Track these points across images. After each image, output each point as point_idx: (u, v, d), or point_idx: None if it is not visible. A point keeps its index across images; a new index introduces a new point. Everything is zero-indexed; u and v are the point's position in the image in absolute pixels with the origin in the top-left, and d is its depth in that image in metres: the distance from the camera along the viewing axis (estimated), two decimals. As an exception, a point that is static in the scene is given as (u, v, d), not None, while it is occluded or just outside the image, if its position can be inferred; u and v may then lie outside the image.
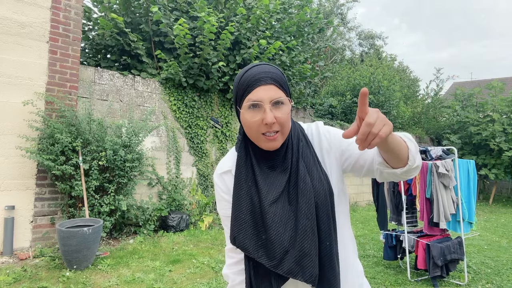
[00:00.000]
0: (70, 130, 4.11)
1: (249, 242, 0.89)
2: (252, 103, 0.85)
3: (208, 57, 5.83)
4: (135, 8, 6.10)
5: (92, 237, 3.55)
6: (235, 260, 0.99)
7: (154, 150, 5.56)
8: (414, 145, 0.84)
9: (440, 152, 3.80)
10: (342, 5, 19.24)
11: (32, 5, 4.14)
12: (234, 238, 0.90)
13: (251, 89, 0.86)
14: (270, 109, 0.84)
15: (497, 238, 5.82)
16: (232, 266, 1.00)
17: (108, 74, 5.19)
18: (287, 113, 0.87)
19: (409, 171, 0.83)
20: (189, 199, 5.89)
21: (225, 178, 0.99)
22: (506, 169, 10.10)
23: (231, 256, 1.01)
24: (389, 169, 0.85)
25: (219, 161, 0.96)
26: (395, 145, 0.77)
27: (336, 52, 17.66)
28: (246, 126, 0.88)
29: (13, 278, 3.17)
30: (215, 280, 3.39)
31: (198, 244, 4.68)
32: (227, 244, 1.02)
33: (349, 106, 10.53)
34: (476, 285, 3.57)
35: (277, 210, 0.88)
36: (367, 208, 8.96)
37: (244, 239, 0.89)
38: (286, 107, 0.87)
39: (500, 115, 10.19)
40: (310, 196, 0.88)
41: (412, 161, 0.82)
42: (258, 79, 0.85)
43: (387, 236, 3.91)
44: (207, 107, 6.35)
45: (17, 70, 4.04)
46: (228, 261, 1.02)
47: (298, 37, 7.71)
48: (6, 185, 3.94)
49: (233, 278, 0.99)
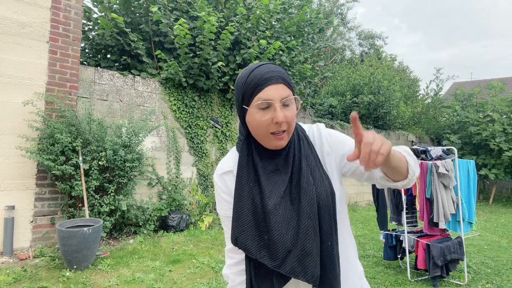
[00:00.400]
0: (70, 130, 4.11)
1: (251, 243, 0.88)
2: (263, 101, 0.85)
3: (208, 57, 5.83)
4: (135, 8, 6.10)
5: (92, 237, 3.55)
6: (235, 260, 0.99)
7: (154, 150, 5.56)
8: (413, 160, 0.90)
9: (440, 152, 3.80)
10: (342, 5, 19.24)
11: (32, 5, 4.14)
12: (236, 239, 0.90)
13: (261, 88, 0.85)
14: (280, 108, 0.85)
15: (497, 238, 5.83)
16: (232, 266, 0.99)
17: (108, 74, 5.19)
18: (295, 112, 0.88)
19: (409, 183, 0.89)
20: (189, 199, 5.89)
21: (225, 178, 0.99)
22: (506, 169, 10.10)
23: (231, 257, 1.00)
24: (391, 183, 0.89)
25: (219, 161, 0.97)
26: (395, 161, 0.82)
27: (336, 52, 17.67)
28: (255, 125, 0.88)
29: (13, 278, 3.17)
30: (215, 280, 3.39)
31: (198, 244, 4.68)
32: (227, 244, 1.01)
33: (349, 106, 10.53)
34: (476, 285, 3.57)
35: (280, 210, 0.88)
36: (367, 208, 8.96)
37: (246, 239, 0.88)
38: (294, 106, 0.89)
39: (500, 115, 10.19)
40: (313, 196, 0.88)
41: (412, 174, 0.88)
42: (268, 78, 0.85)
43: (387, 236, 3.91)
44: (207, 107, 6.35)
45: (17, 70, 4.04)
46: (228, 261, 1.01)
47: (298, 37, 7.71)
48: (6, 185, 3.94)
49: (233, 279, 0.98)
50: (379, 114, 10.32)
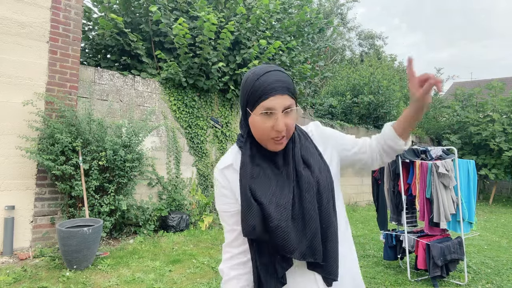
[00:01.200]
0: (70, 130, 4.11)
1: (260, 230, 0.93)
2: (266, 110, 0.90)
3: (208, 57, 5.83)
4: (135, 8, 6.10)
5: (92, 237, 3.55)
6: (230, 254, 1.01)
7: (154, 150, 5.56)
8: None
9: (440, 152, 3.80)
10: (342, 5, 19.22)
11: (32, 5, 4.14)
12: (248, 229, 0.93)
13: (266, 97, 0.89)
14: (282, 117, 0.90)
15: (497, 238, 5.83)
16: (227, 261, 1.01)
17: (108, 74, 5.19)
18: (295, 119, 0.95)
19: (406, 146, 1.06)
20: (189, 199, 5.89)
21: (226, 173, 1.01)
22: (506, 169, 10.10)
23: (227, 251, 1.03)
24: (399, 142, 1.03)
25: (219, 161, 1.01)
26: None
27: (336, 52, 17.67)
28: (256, 129, 0.93)
29: (13, 278, 3.17)
30: (215, 280, 3.39)
31: (198, 244, 4.68)
32: (225, 240, 1.03)
33: (349, 106, 10.52)
34: (476, 285, 3.57)
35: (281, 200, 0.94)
36: (367, 208, 8.96)
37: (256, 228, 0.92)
38: (294, 113, 0.94)
39: (500, 115, 10.20)
40: (311, 182, 0.95)
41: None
42: (274, 88, 0.89)
43: (387, 236, 3.91)
44: (207, 107, 6.35)
45: (17, 70, 4.04)
46: (224, 256, 1.03)
47: (298, 37, 7.71)
48: (6, 185, 3.94)
49: (227, 273, 1.00)
50: (379, 114, 10.31)
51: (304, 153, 1.00)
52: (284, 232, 0.90)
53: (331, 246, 0.94)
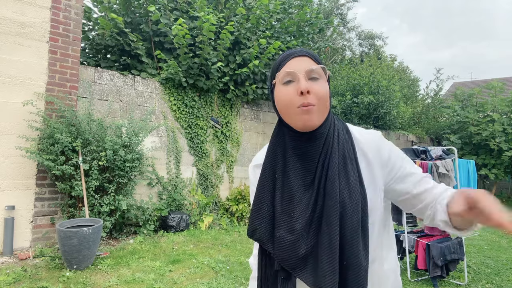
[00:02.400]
0: (70, 130, 4.11)
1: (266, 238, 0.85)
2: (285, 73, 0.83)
3: (208, 57, 5.83)
4: (135, 8, 6.10)
5: (92, 237, 3.55)
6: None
7: (154, 150, 5.56)
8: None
9: (440, 152, 3.80)
10: (342, 5, 19.22)
11: (32, 5, 4.14)
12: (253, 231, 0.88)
13: (285, 62, 0.86)
14: (304, 78, 0.81)
15: (497, 238, 5.82)
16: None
17: (108, 74, 5.19)
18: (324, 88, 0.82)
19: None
20: (189, 199, 5.89)
21: (256, 171, 0.99)
22: (506, 169, 10.10)
23: (257, 246, 1.01)
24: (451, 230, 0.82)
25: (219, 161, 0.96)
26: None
27: (336, 52, 17.66)
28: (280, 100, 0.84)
29: (13, 278, 3.17)
30: (215, 280, 3.39)
31: (198, 244, 4.68)
32: None
33: (349, 106, 10.53)
34: (476, 285, 3.57)
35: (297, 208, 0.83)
36: (367, 208, 8.94)
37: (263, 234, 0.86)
38: (323, 82, 0.84)
39: (500, 115, 10.19)
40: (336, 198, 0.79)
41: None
42: (292, 52, 0.87)
43: (387, 236, 3.91)
44: (207, 107, 6.35)
45: (17, 70, 4.04)
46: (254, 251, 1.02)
47: (298, 37, 7.71)
48: (6, 185, 3.94)
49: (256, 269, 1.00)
50: (379, 114, 10.32)
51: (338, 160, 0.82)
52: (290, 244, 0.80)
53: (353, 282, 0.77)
